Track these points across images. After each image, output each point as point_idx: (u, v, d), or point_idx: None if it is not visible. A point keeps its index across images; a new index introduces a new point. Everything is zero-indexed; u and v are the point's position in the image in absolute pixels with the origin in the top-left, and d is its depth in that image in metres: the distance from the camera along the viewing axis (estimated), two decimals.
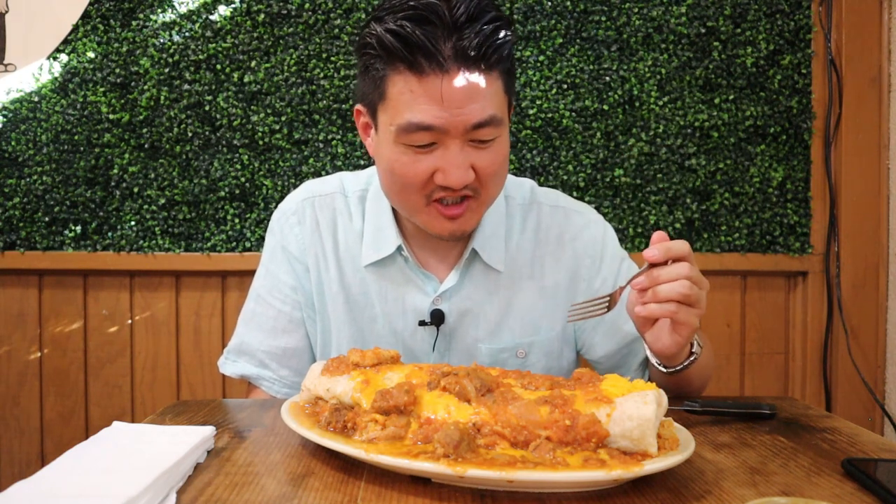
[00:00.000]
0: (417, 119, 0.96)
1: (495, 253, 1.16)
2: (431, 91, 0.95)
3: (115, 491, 0.65)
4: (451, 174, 0.98)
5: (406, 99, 0.96)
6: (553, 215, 1.21)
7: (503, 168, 1.05)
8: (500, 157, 1.03)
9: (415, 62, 0.95)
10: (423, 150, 0.99)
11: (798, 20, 1.92)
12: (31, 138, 1.86)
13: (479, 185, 1.02)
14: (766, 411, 1.00)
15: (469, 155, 0.99)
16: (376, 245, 1.15)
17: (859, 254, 1.93)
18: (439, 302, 1.15)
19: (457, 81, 0.95)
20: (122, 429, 0.87)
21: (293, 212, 1.20)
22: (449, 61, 0.94)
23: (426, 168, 0.99)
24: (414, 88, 0.96)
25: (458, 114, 0.96)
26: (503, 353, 1.17)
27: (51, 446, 1.92)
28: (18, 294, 1.91)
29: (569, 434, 0.70)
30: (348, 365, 0.88)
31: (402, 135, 0.98)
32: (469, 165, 0.99)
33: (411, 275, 1.15)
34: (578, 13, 1.88)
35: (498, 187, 1.07)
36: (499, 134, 1.01)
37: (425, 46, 0.94)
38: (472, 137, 0.98)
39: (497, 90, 1.00)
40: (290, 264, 1.19)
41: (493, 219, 1.16)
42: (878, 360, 1.94)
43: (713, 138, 1.91)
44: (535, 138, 1.88)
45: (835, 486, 0.73)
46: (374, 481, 0.73)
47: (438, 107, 0.95)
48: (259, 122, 1.86)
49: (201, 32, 1.86)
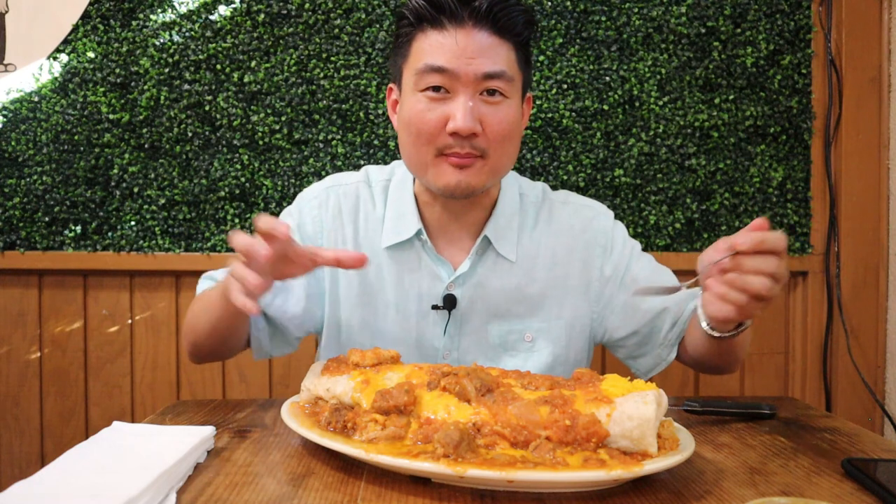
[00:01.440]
0: (433, 61, 1.07)
1: (508, 244, 1.21)
2: (448, 41, 1.07)
3: (116, 491, 0.65)
4: (460, 119, 1.06)
5: (426, 49, 1.08)
6: (563, 210, 1.28)
7: (511, 134, 1.12)
8: (509, 117, 1.10)
9: (437, 20, 1.08)
10: (438, 98, 1.08)
11: (798, 20, 1.92)
12: (31, 138, 1.86)
13: (485, 143, 1.09)
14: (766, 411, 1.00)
15: (478, 107, 1.08)
16: (397, 229, 1.20)
17: (859, 254, 1.93)
18: (452, 287, 1.20)
19: (471, 34, 1.07)
20: (123, 429, 0.87)
21: (315, 196, 1.26)
22: (466, 19, 1.07)
23: (439, 116, 1.08)
24: (433, 40, 1.08)
25: (470, 62, 1.06)
26: (511, 334, 1.22)
27: (51, 446, 1.92)
28: (18, 294, 1.91)
29: (569, 434, 0.70)
30: (348, 365, 0.88)
31: (420, 79, 1.08)
32: (477, 116, 1.07)
33: (427, 260, 1.20)
34: (578, 13, 1.88)
35: (506, 153, 1.13)
36: (508, 92, 1.10)
37: (448, 7, 1.07)
38: (482, 88, 1.08)
39: (509, 56, 1.10)
40: (305, 240, 1.23)
41: (507, 211, 1.22)
42: (878, 360, 1.94)
43: (713, 138, 1.91)
44: (535, 138, 1.88)
45: (835, 486, 0.73)
46: (374, 481, 0.73)
47: (453, 54, 1.06)
48: (259, 122, 1.86)
49: (201, 32, 1.86)
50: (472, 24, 1.08)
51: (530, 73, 1.18)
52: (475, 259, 1.20)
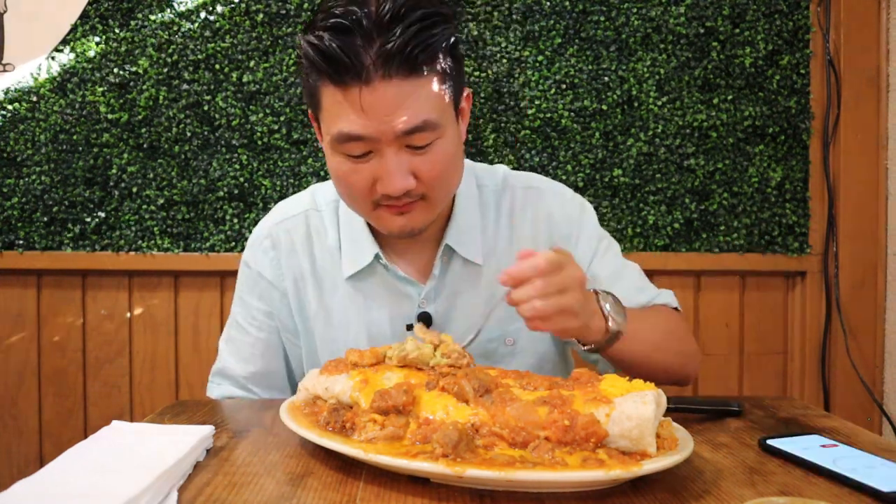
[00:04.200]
0: (346, 129, 0.94)
1: (472, 246, 1.13)
2: (356, 102, 0.92)
3: (117, 490, 0.65)
4: (389, 182, 0.96)
5: (335, 110, 0.95)
6: (526, 197, 1.19)
7: (449, 169, 1.01)
8: (443, 159, 0.99)
9: (334, 75, 0.92)
10: (361, 159, 0.97)
11: (796, 20, 1.92)
12: (30, 138, 1.86)
13: (423, 188, 0.99)
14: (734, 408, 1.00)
15: (407, 160, 0.96)
16: (353, 256, 1.13)
17: (858, 254, 1.94)
18: (425, 304, 1.13)
19: (379, 90, 0.91)
20: (122, 428, 0.87)
21: (266, 235, 1.18)
22: (370, 70, 0.90)
23: (366, 177, 0.98)
24: (340, 100, 0.94)
25: (386, 122, 0.93)
26: (492, 343, 1.15)
27: (49, 446, 1.91)
28: (17, 294, 1.90)
29: (567, 434, 0.70)
30: (347, 365, 0.88)
31: (337, 145, 0.97)
32: (408, 171, 0.96)
33: (393, 281, 1.13)
34: (577, 13, 1.89)
35: (447, 188, 1.04)
36: (437, 137, 0.97)
37: (341, 59, 0.90)
38: (407, 143, 0.95)
39: (431, 93, 0.95)
40: (266, 292, 1.18)
41: (466, 211, 1.14)
42: (877, 360, 1.94)
43: (712, 138, 1.91)
44: (534, 138, 1.88)
45: (833, 486, 0.73)
46: (372, 481, 0.73)
47: (366, 116, 0.92)
48: (258, 121, 1.86)
49: (200, 32, 1.86)
50: (379, 76, 0.91)
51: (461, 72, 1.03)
52: (442, 270, 1.13)
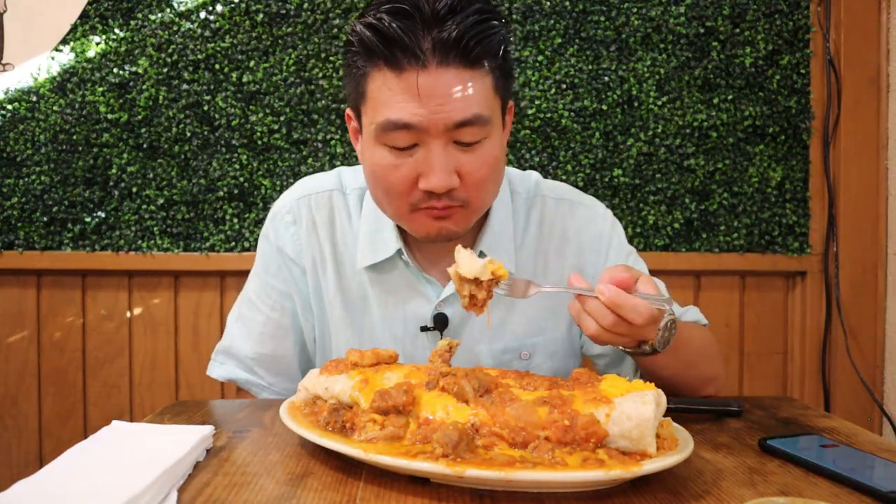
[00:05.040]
0: (395, 116, 0.91)
1: (505, 254, 1.10)
2: (409, 87, 0.90)
3: (117, 490, 0.65)
4: (433, 177, 0.92)
5: (384, 96, 0.92)
6: (558, 209, 1.16)
7: (493, 173, 0.98)
8: (489, 161, 0.96)
9: (391, 57, 0.90)
10: (405, 152, 0.94)
11: (797, 20, 1.92)
12: (30, 138, 1.85)
13: (465, 193, 0.96)
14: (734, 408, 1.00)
15: (453, 157, 0.93)
16: (373, 247, 1.09)
17: (858, 254, 1.94)
18: (442, 306, 1.10)
19: (435, 76, 0.89)
20: (122, 428, 0.87)
21: (287, 210, 1.15)
22: (427, 54, 0.89)
23: (408, 172, 0.94)
24: (392, 85, 0.91)
25: (438, 111, 0.90)
26: (506, 354, 1.12)
27: (49, 446, 1.91)
28: (17, 294, 1.90)
29: (567, 434, 0.70)
30: (347, 365, 0.88)
31: (382, 134, 0.93)
32: (453, 168, 0.93)
33: (412, 279, 1.10)
34: (577, 13, 1.88)
35: (489, 195, 1.01)
36: (486, 135, 0.94)
37: (401, 39, 0.89)
38: (455, 138, 0.93)
39: (484, 88, 0.93)
40: (285, 268, 1.15)
41: (500, 218, 1.11)
42: (877, 360, 1.94)
43: (712, 138, 1.91)
44: (534, 138, 1.88)
45: (833, 486, 0.73)
46: (372, 481, 0.73)
47: (416, 103, 0.90)
48: (258, 121, 1.86)
49: (200, 32, 1.86)
50: (436, 63, 0.89)
51: (511, 83, 1.02)
52: None
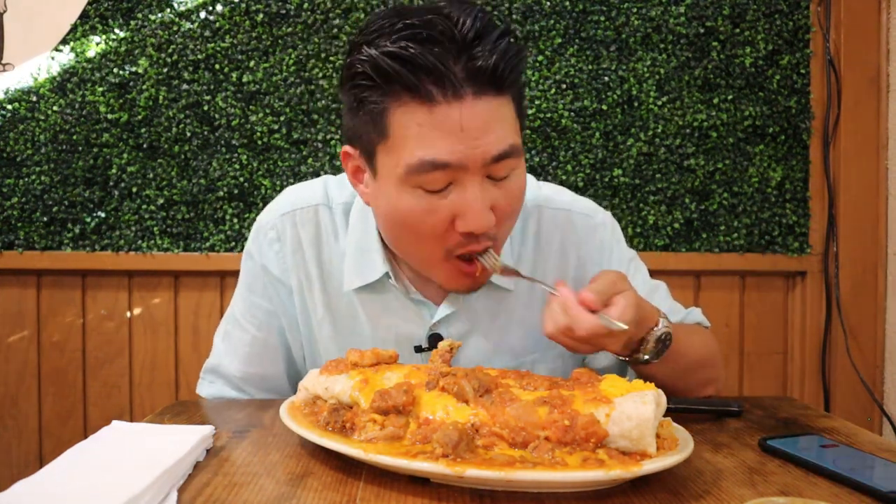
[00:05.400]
0: (431, 156, 0.83)
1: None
2: (446, 122, 0.82)
3: (118, 489, 0.65)
4: (474, 219, 0.86)
5: (414, 133, 0.83)
6: (555, 219, 1.11)
7: (520, 203, 0.94)
8: (518, 193, 0.92)
9: (423, 89, 0.81)
10: (440, 193, 0.86)
11: (797, 20, 1.92)
12: (30, 138, 1.86)
13: (498, 228, 0.90)
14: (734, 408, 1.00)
15: (489, 193, 0.87)
16: (360, 269, 1.04)
17: (858, 254, 1.94)
18: (437, 327, 1.06)
19: (472, 107, 0.82)
20: (122, 428, 0.87)
21: (271, 227, 1.09)
22: (463, 84, 0.81)
23: (445, 216, 0.87)
24: (423, 121, 0.83)
25: (477, 146, 0.83)
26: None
27: (49, 447, 1.91)
28: (17, 294, 1.90)
29: (567, 434, 0.70)
30: (347, 364, 0.88)
31: (414, 176, 0.85)
32: (490, 205, 0.87)
33: (404, 300, 1.05)
34: (577, 13, 1.89)
35: (513, 226, 0.97)
36: (516, 166, 0.90)
37: (435, 68, 0.80)
38: (489, 173, 0.87)
39: (512, 115, 0.88)
40: (271, 287, 1.10)
41: None
42: (877, 360, 1.94)
43: (712, 138, 1.91)
44: (534, 138, 1.88)
45: (833, 486, 0.73)
46: (372, 481, 0.73)
47: (455, 139, 0.82)
48: (258, 121, 1.86)
49: (200, 32, 1.86)
50: (472, 93, 0.82)
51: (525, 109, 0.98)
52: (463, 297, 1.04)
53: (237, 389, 1.14)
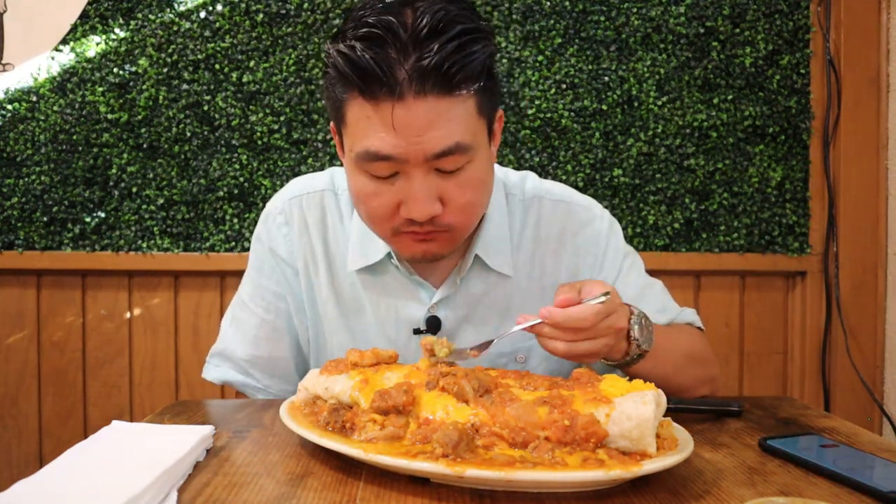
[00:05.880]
0: (374, 148, 0.89)
1: (501, 257, 1.09)
2: (387, 118, 0.87)
3: (117, 490, 0.65)
4: (414, 207, 0.91)
5: (362, 126, 0.90)
6: (554, 210, 1.14)
7: (478, 196, 0.96)
8: (472, 185, 0.94)
9: (366, 88, 0.87)
10: (386, 180, 0.92)
11: (797, 20, 1.92)
12: (30, 138, 1.86)
13: (449, 218, 0.94)
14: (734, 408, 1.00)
15: (435, 185, 0.91)
16: (364, 250, 1.08)
17: (858, 254, 1.94)
18: (435, 309, 1.09)
19: (412, 107, 0.86)
20: (122, 428, 0.87)
21: (280, 211, 1.14)
22: (404, 85, 0.85)
23: (389, 200, 0.93)
24: (369, 115, 0.88)
25: (417, 142, 0.87)
26: (501, 357, 1.11)
27: (49, 446, 1.91)
28: (17, 294, 1.90)
29: (567, 434, 0.70)
30: (347, 364, 0.88)
31: (362, 163, 0.92)
32: (435, 196, 0.91)
33: (405, 282, 1.09)
34: (577, 13, 1.89)
35: (474, 217, 0.99)
36: (467, 161, 0.92)
37: (374, 71, 0.85)
38: (436, 166, 0.90)
39: (466, 112, 0.90)
40: (278, 269, 1.14)
41: (496, 221, 1.10)
42: (877, 360, 1.94)
43: (712, 138, 1.91)
44: (534, 138, 1.88)
45: (833, 486, 0.73)
46: (372, 481, 0.73)
47: (396, 135, 0.87)
48: (258, 121, 1.86)
49: (200, 32, 1.86)
50: (413, 93, 0.85)
51: (496, 97, 0.98)
52: (465, 278, 1.08)
53: (243, 373, 1.15)
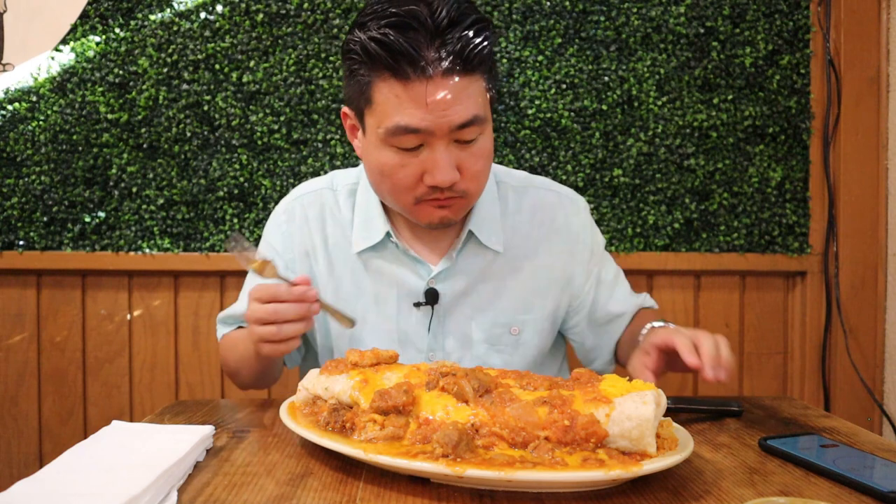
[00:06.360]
0: (404, 122, 1.00)
1: (493, 234, 1.20)
2: (416, 96, 0.99)
3: (118, 489, 0.65)
4: (438, 174, 1.02)
5: (392, 103, 1.00)
6: (546, 198, 1.26)
7: (488, 163, 1.10)
8: (485, 153, 1.07)
9: (399, 69, 0.98)
10: (411, 152, 1.03)
11: (797, 20, 1.92)
12: (30, 138, 1.85)
13: (464, 185, 1.06)
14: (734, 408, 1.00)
15: (454, 154, 1.03)
16: (366, 233, 1.19)
17: (858, 254, 1.94)
18: (433, 283, 1.19)
19: (440, 86, 0.99)
20: (122, 428, 0.87)
21: (283, 210, 1.27)
22: (433, 66, 0.98)
23: (414, 171, 1.04)
24: (399, 94, 0.99)
25: (443, 115, 0.99)
26: (496, 328, 1.20)
27: (49, 446, 1.91)
28: (17, 294, 1.90)
29: (568, 434, 0.70)
30: (347, 365, 0.88)
31: (390, 137, 1.02)
32: (455, 164, 1.03)
33: (403, 258, 1.19)
34: (577, 13, 1.88)
35: (483, 182, 1.11)
36: (481, 132, 1.05)
37: (408, 53, 0.97)
38: (456, 137, 1.03)
39: (479, 90, 1.04)
40: (279, 259, 1.23)
41: (487, 202, 1.20)
42: (877, 360, 1.94)
43: (712, 138, 1.91)
44: (534, 138, 1.88)
45: (833, 486, 0.73)
46: (372, 481, 0.73)
47: (424, 110, 0.99)
48: (258, 121, 1.86)
49: (200, 32, 1.86)
50: (441, 73, 0.98)
51: (496, 78, 1.12)
52: (459, 253, 1.19)
53: None
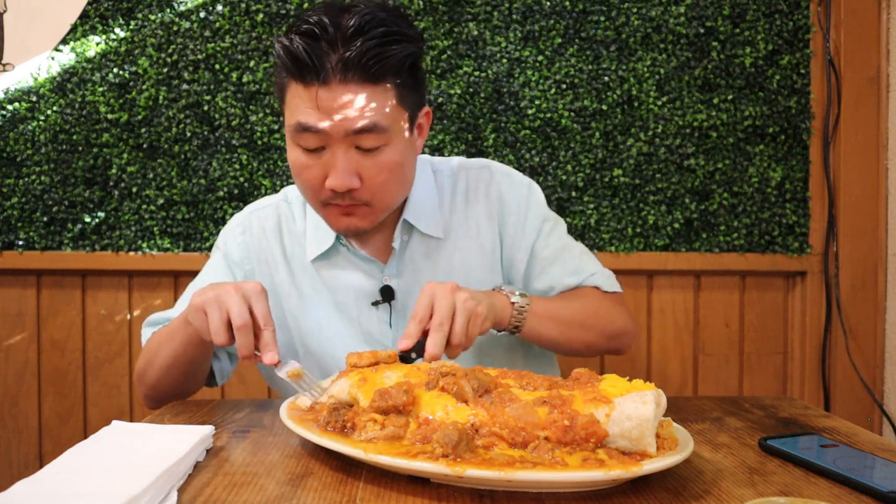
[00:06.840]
0: (304, 120, 1.05)
1: (430, 221, 1.22)
2: (314, 98, 1.04)
3: (118, 489, 0.65)
4: (335, 177, 1.06)
5: (296, 103, 1.07)
6: (479, 176, 1.28)
7: (394, 176, 1.10)
8: (389, 166, 1.08)
9: (300, 74, 1.05)
10: (315, 153, 1.07)
11: (797, 20, 1.92)
12: (30, 138, 1.85)
13: (366, 194, 1.08)
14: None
15: (355, 161, 1.06)
16: (317, 240, 1.22)
17: (858, 254, 1.93)
18: (387, 280, 1.21)
19: (337, 91, 1.03)
20: (122, 428, 0.87)
21: (238, 223, 1.29)
22: (329, 73, 1.03)
23: (318, 172, 1.08)
24: (301, 94, 1.05)
25: (338, 119, 1.04)
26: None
27: (49, 446, 1.91)
28: (17, 294, 1.90)
29: (567, 434, 0.70)
30: (346, 371, 0.88)
31: (295, 135, 1.07)
32: (354, 170, 1.06)
33: (356, 261, 1.21)
34: (577, 13, 1.88)
35: (392, 196, 1.13)
36: (385, 142, 1.07)
37: (306, 60, 1.02)
38: (356, 143, 1.06)
39: (385, 101, 1.06)
40: (229, 272, 1.25)
41: (422, 191, 1.23)
42: (877, 360, 1.94)
43: (712, 138, 1.91)
44: (534, 138, 1.88)
45: (833, 486, 0.73)
46: (372, 481, 0.73)
47: (322, 112, 1.04)
48: (258, 121, 1.86)
49: (200, 32, 1.86)
50: (338, 79, 1.03)
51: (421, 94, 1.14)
52: (402, 246, 1.21)
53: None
